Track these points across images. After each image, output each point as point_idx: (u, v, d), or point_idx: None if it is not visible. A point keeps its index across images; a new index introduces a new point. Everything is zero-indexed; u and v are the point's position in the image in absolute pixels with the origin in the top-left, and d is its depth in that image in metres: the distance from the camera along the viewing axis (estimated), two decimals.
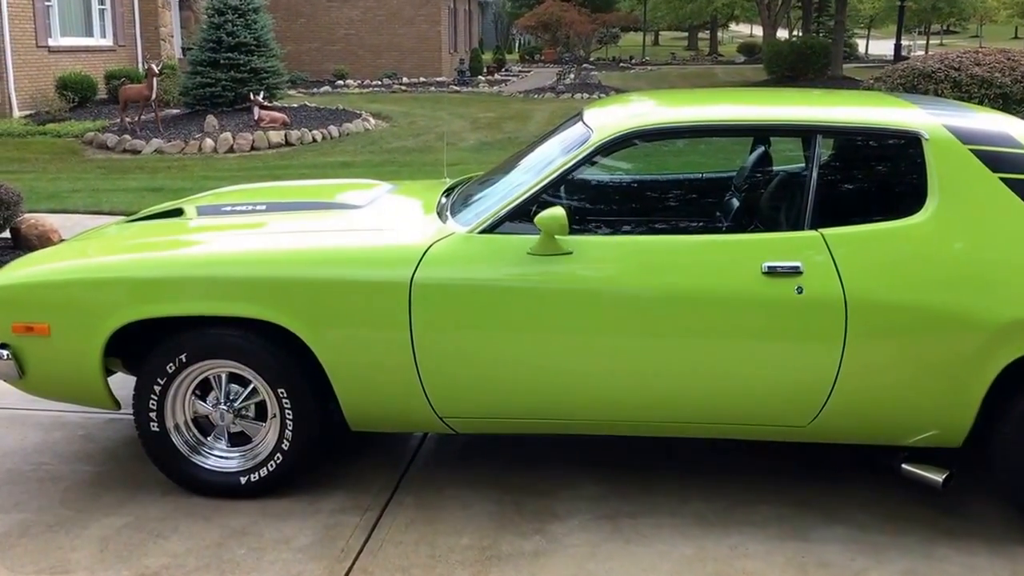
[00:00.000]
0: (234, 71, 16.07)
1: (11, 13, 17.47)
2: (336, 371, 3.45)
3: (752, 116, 3.51)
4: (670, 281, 3.28)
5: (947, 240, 3.23)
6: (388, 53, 26.72)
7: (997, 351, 3.17)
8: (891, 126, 3.40)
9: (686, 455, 4.05)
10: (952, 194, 3.26)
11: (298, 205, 4.08)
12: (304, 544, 3.34)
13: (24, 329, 3.51)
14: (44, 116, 17.33)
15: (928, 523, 3.49)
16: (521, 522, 3.51)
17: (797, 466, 3.95)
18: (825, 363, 3.27)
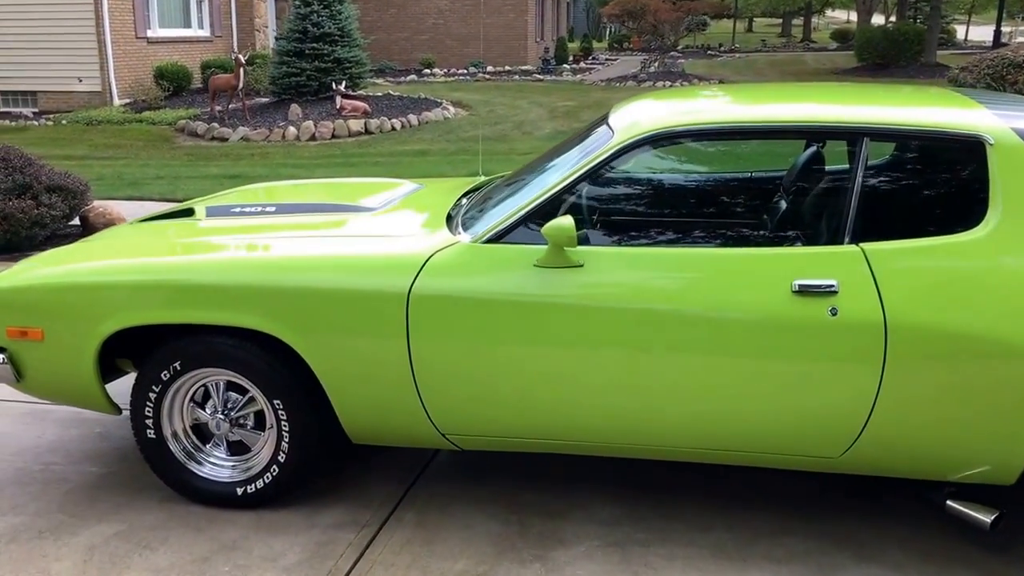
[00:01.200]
0: (318, 61, 16.14)
1: (111, 6, 17.89)
2: (332, 383, 3.28)
3: (790, 116, 3.16)
4: (689, 298, 3.00)
5: (1007, 258, 2.87)
6: (475, 42, 26.58)
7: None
8: (951, 129, 3.02)
9: (715, 477, 3.76)
10: (1017, 206, 2.90)
11: (308, 207, 3.92)
12: (292, 562, 3.19)
13: (18, 333, 3.44)
14: (141, 104, 17.75)
15: (974, 566, 3.14)
16: (524, 547, 3.29)
17: (835, 494, 3.63)
18: (860, 391, 2.95)
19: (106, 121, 16.44)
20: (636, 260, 3.11)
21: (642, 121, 3.22)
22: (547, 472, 3.81)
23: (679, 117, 3.19)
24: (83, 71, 17.89)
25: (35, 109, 18.09)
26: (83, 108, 17.51)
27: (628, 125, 3.23)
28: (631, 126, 3.21)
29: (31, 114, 17.76)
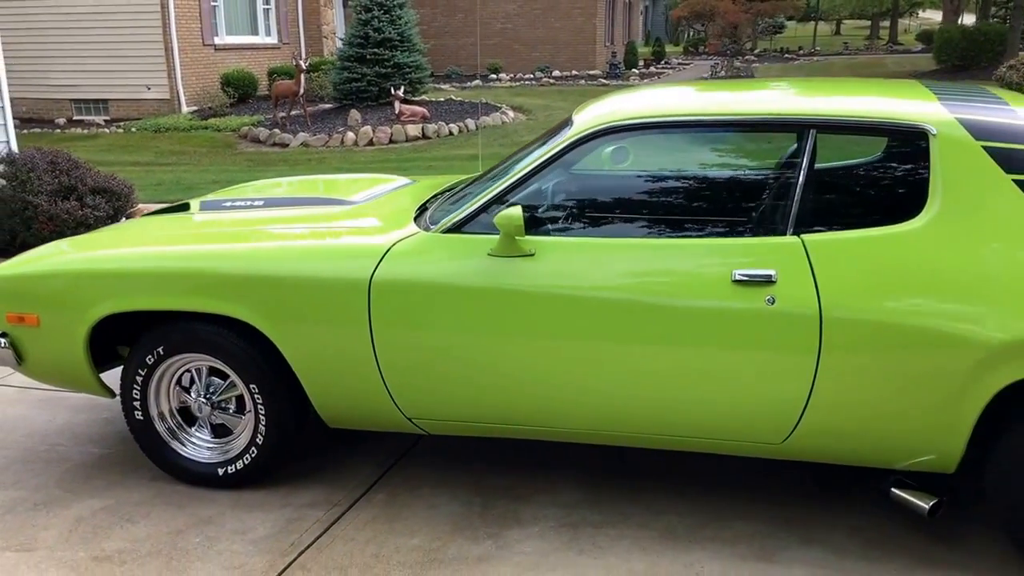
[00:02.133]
0: (379, 66, 16.50)
1: (178, 14, 18.54)
2: (302, 369, 3.46)
3: (737, 110, 3.23)
4: (634, 287, 3.10)
5: (944, 248, 2.90)
6: (543, 47, 26.75)
7: (992, 373, 2.82)
8: (895, 120, 3.06)
9: (679, 463, 3.84)
10: (955, 197, 2.92)
11: (294, 201, 4.12)
12: (259, 536, 3.38)
13: (17, 319, 3.70)
14: (207, 111, 18.34)
15: (916, 552, 3.17)
16: (480, 526, 3.42)
17: (792, 482, 3.68)
18: (797, 380, 3.01)
19: (173, 128, 17.04)
20: (584, 250, 3.21)
21: (597, 115, 3.33)
22: (518, 458, 3.94)
23: (632, 112, 3.29)
24: (152, 79, 18.57)
25: (107, 117, 18.84)
26: (152, 115, 18.17)
27: (584, 120, 3.34)
28: (586, 120, 3.32)
29: (103, 122, 18.50)
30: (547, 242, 3.22)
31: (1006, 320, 2.78)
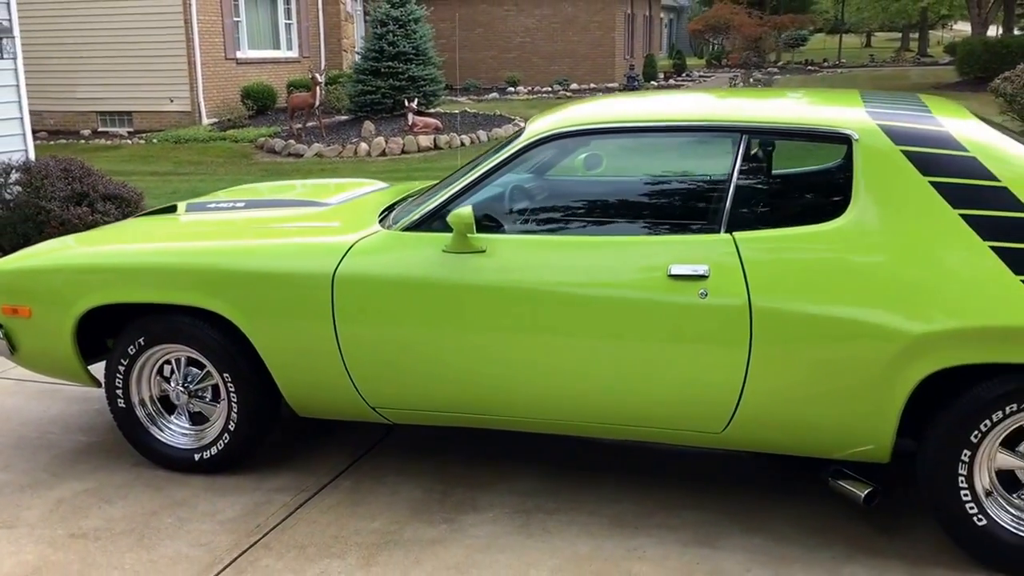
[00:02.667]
0: (393, 79, 16.75)
1: (202, 29, 18.91)
2: (272, 359, 3.64)
3: (675, 116, 3.41)
4: (577, 282, 3.26)
5: (865, 246, 3.03)
6: (562, 60, 26.97)
7: (911, 364, 2.95)
8: (820, 126, 3.21)
9: (640, 457, 3.99)
10: (876, 198, 3.06)
11: (273, 203, 4.32)
12: (228, 517, 3.56)
13: (11, 311, 3.92)
14: (226, 123, 18.66)
15: (854, 540, 3.30)
16: (438, 511, 3.58)
17: (747, 474, 3.81)
18: (730, 370, 3.15)
19: (193, 139, 17.36)
20: (532, 247, 3.38)
21: (546, 124, 3.51)
22: (483, 449, 4.09)
23: (576, 119, 3.47)
24: (174, 92, 18.92)
25: (130, 128, 19.21)
26: (173, 127, 18.52)
27: (534, 128, 3.52)
28: (536, 128, 3.51)
29: (126, 133, 18.88)
30: (498, 239, 3.39)
31: (923, 314, 2.91)
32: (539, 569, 3.17)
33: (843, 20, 42.47)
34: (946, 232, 2.95)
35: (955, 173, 2.99)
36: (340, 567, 3.21)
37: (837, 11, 40.56)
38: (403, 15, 16.96)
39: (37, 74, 19.24)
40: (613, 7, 26.85)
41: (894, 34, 63.81)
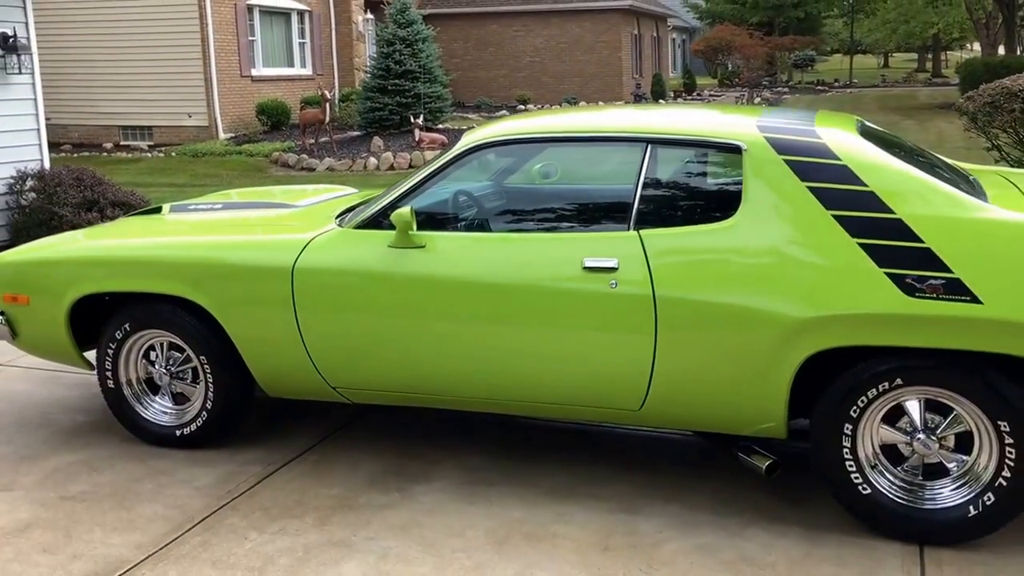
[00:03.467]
0: (400, 96, 17.25)
1: (218, 48, 19.50)
2: (242, 343, 4.04)
3: (589, 127, 3.83)
4: (501, 273, 3.65)
5: (752, 243, 3.40)
6: (570, 79, 27.46)
7: (792, 347, 3.32)
8: (714, 137, 3.61)
9: (581, 438, 4.36)
10: (762, 201, 3.44)
11: (247, 205, 4.74)
12: (202, 485, 3.95)
13: (12, 299, 4.35)
14: (242, 138, 19.22)
15: (760, 508, 3.65)
16: (393, 482, 3.96)
17: (678, 452, 4.18)
18: (640, 352, 3.52)
19: (210, 153, 17.90)
20: (465, 242, 3.77)
21: (479, 135, 3.93)
22: (441, 430, 4.48)
23: (504, 131, 3.88)
24: (192, 108, 19.50)
25: (150, 142, 19.80)
26: (191, 141, 19.07)
27: (468, 139, 3.95)
28: (469, 139, 3.93)
29: (146, 147, 19.45)
30: (436, 236, 3.79)
31: (800, 302, 3.28)
32: (475, 529, 3.55)
33: (857, 41, 42.71)
34: (820, 230, 3.33)
35: (829, 179, 3.38)
36: (298, 526, 3.60)
37: (850, 32, 40.79)
38: (410, 35, 17.48)
39: (62, 89, 19.93)
40: (619, 27, 27.32)
41: (911, 55, 64.03)
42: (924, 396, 3.33)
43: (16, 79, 8.94)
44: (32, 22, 9.09)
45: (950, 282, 3.16)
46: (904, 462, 3.42)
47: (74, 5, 19.54)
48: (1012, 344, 3.13)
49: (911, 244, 3.23)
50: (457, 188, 4.15)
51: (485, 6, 28.15)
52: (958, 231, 3.23)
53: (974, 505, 3.28)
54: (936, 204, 3.30)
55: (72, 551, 3.44)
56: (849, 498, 3.42)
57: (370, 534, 3.53)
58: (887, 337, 3.25)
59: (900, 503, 3.37)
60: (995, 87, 8.46)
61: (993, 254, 3.18)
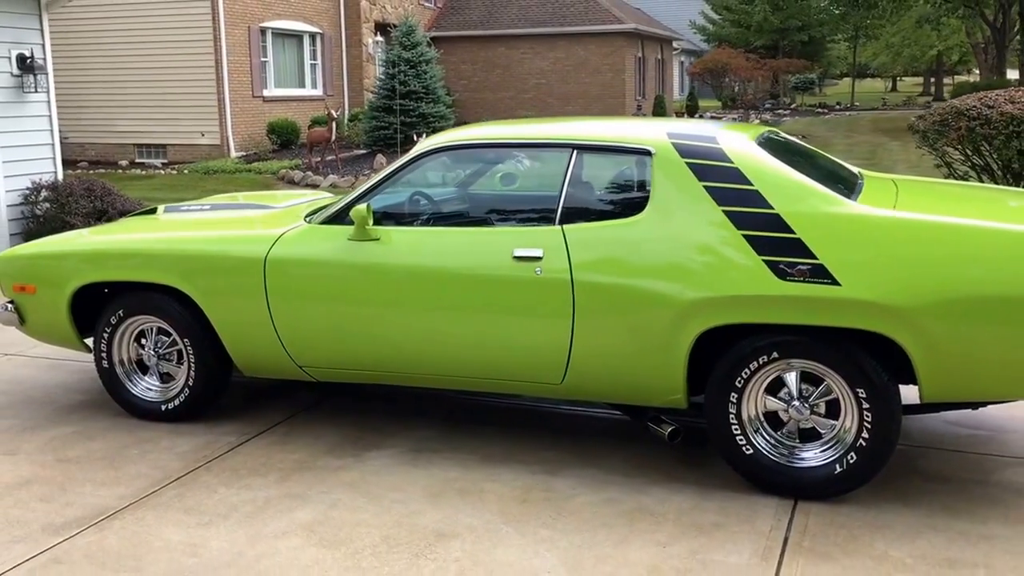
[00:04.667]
0: (404, 116, 17.90)
1: (231, 69, 20.24)
2: (220, 327, 4.60)
3: (524, 135, 4.40)
4: (442, 263, 4.19)
5: (655, 234, 3.94)
6: (575, 100, 28.07)
7: (685, 325, 3.84)
8: (628, 143, 4.16)
9: (521, 414, 4.89)
10: (665, 198, 3.98)
11: (232, 206, 5.31)
12: (182, 451, 4.50)
13: (19, 289, 4.93)
14: (252, 156, 19.91)
15: (665, 472, 4.17)
16: (349, 449, 4.50)
17: (605, 425, 4.70)
18: (561, 332, 4.06)
19: (220, 170, 18.58)
20: (414, 236, 4.31)
21: (430, 142, 4.49)
22: (399, 408, 5.02)
23: (452, 138, 4.44)
24: (205, 127, 20.23)
25: (164, 160, 20.52)
26: (204, 159, 19.78)
27: (421, 145, 4.50)
28: (422, 145, 4.49)
29: (160, 164, 20.18)
30: (390, 230, 4.34)
31: (692, 286, 3.81)
32: (414, 486, 4.08)
33: (864, 65, 43.19)
34: (711, 223, 3.86)
35: (721, 179, 3.91)
36: (261, 482, 4.14)
37: (853, 56, 41.34)
38: (414, 56, 18.15)
39: (80, 109, 20.74)
40: (623, 50, 27.95)
41: (919, 79, 64.50)
42: (801, 369, 3.85)
43: (32, 97, 9.59)
44: (48, 44, 9.74)
45: (815, 267, 3.69)
46: (784, 427, 3.93)
47: (94, 28, 20.34)
48: (865, 320, 3.65)
49: (785, 235, 3.76)
50: (413, 189, 4.69)
51: (494, 29, 28.85)
52: (822, 224, 3.75)
53: (840, 463, 3.79)
54: (807, 201, 3.82)
55: (65, 500, 3.99)
56: (734, 458, 3.93)
57: (324, 489, 4.06)
58: (764, 315, 3.77)
59: (777, 462, 3.88)
60: (945, 107, 8.96)
61: (849, 243, 3.70)
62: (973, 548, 3.46)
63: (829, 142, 21.95)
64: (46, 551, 3.55)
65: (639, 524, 3.70)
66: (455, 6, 29.93)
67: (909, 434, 4.58)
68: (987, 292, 3.54)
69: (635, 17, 30.53)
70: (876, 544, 3.50)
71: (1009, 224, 3.68)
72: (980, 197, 4.70)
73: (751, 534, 3.60)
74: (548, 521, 3.73)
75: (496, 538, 3.60)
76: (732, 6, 39.43)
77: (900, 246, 3.66)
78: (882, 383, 3.70)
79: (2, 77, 9.31)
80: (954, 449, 4.40)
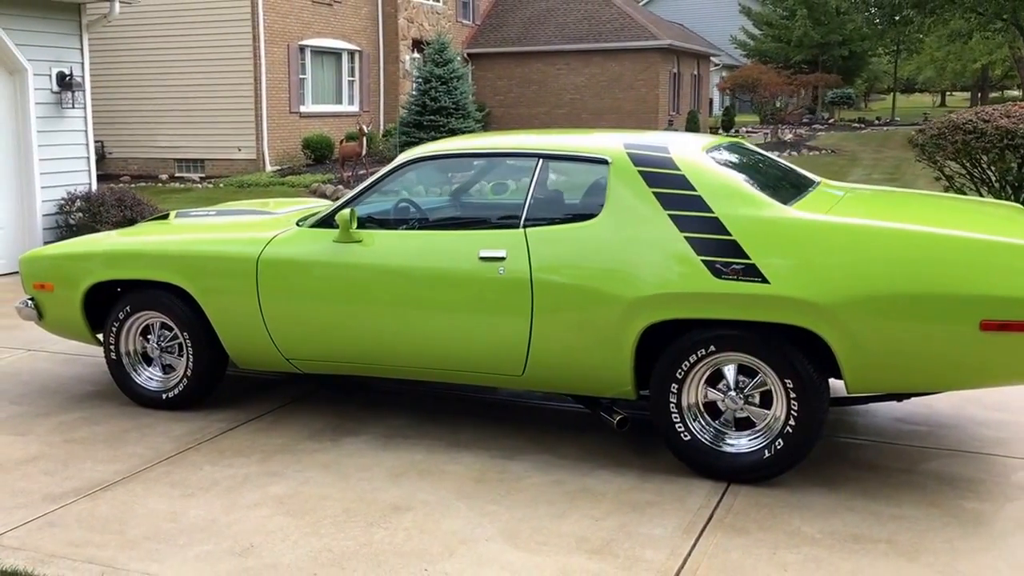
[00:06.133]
0: (434, 131, 18.35)
1: (269, 86, 20.88)
2: (216, 321, 5.00)
3: (493, 146, 4.76)
4: (416, 263, 4.56)
5: (607, 238, 4.26)
6: (609, 115, 28.40)
7: (632, 321, 4.15)
8: (589, 152, 4.49)
9: (490, 407, 5.23)
10: (618, 204, 4.31)
11: (236, 211, 5.72)
12: (176, 435, 4.91)
13: (39, 286, 5.39)
14: (287, 170, 20.48)
15: (615, 457, 4.49)
16: (328, 435, 4.87)
17: (569, 416, 5.03)
18: (521, 327, 4.39)
19: (255, 184, 19.16)
20: (393, 238, 4.68)
21: (411, 153, 4.87)
22: (380, 399, 5.39)
23: (428, 150, 4.81)
24: (242, 142, 20.87)
25: (202, 174, 21.19)
26: (240, 173, 20.41)
27: (401, 156, 4.87)
28: (402, 156, 4.86)
29: (198, 178, 20.84)
30: (372, 233, 4.71)
31: (637, 284, 4.13)
32: (381, 467, 4.44)
33: (909, 79, 42.94)
34: (658, 226, 4.17)
35: (668, 185, 4.23)
36: (244, 462, 4.53)
37: (901, 71, 41.15)
38: (446, 73, 18.62)
39: (123, 124, 21.54)
40: (658, 66, 28.24)
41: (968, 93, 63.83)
42: (737, 362, 4.14)
43: (70, 113, 10.17)
44: (87, 62, 10.32)
45: (748, 267, 3.99)
46: (722, 415, 4.22)
47: (138, 47, 21.11)
48: (791, 316, 3.94)
49: (722, 237, 4.07)
50: (394, 196, 5.06)
51: (530, 45, 29.32)
52: (756, 226, 4.05)
53: (768, 449, 4.08)
54: (745, 206, 4.12)
55: (67, 474, 4.40)
56: (674, 444, 4.23)
57: (299, 468, 4.44)
58: (702, 311, 4.07)
59: (712, 447, 4.17)
60: (943, 121, 9.17)
61: (778, 244, 4.00)
62: (881, 526, 3.73)
63: (856, 156, 22.03)
64: (44, 515, 3.96)
65: (579, 502, 4.02)
66: (493, 23, 30.46)
67: (854, 427, 4.85)
68: (902, 290, 3.82)
69: (671, 33, 30.81)
70: (792, 521, 3.79)
71: (926, 227, 3.96)
72: (932, 206, 4.93)
73: (680, 511, 3.90)
74: (497, 498, 4.06)
75: (447, 512, 3.94)
76: (773, 21, 39.53)
77: (823, 247, 3.95)
78: (808, 375, 3.98)
79: (42, 94, 9.90)
80: (891, 442, 4.66)
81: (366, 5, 24.57)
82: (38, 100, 9.82)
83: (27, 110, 9.73)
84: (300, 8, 21.94)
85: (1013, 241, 3.84)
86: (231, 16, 20.49)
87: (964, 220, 4.46)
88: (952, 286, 3.77)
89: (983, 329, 3.74)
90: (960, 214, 4.70)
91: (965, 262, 3.80)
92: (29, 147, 9.81)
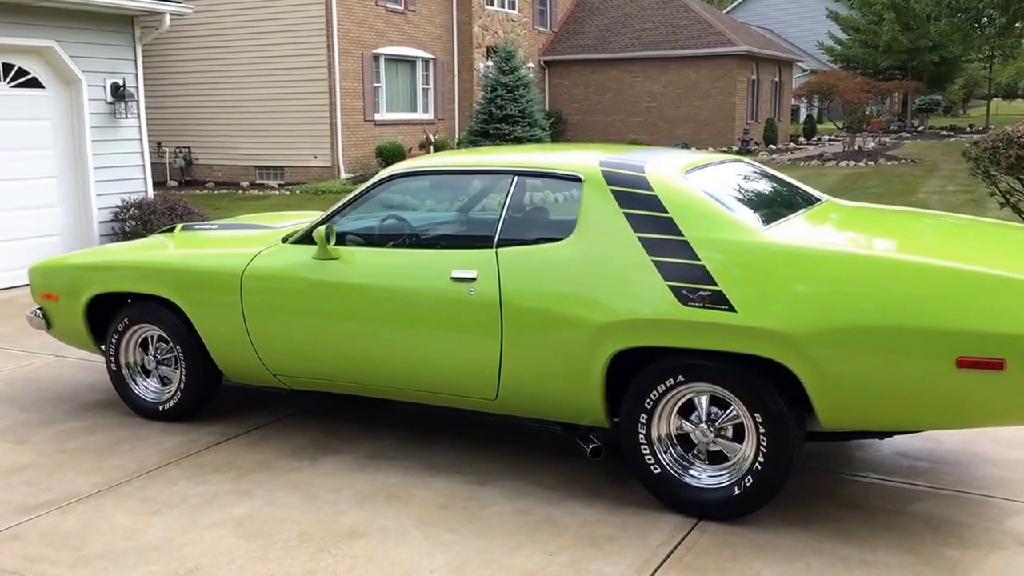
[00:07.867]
0: (500, 140, 18.33)
1: (343, 95, 21.20)
2: (206, 336, 5.05)
3: (472, 163, 4.66)
4: (389, 282, 4.51)
5: (576, 259, 4.13)
6: (685, 124, 28.02)
7: (600, 347, 4.02)
8: (562, 170, 4.37)
9: (473, 429, 5.15)
10: (590, 224, 4.18)
11: (235, 226, 5.77)
12: (165, 447, 4.96)
13: (46, 296, 5.52)
14: (360, 177, 20.75)
15: (588, 486, 4.36)
16: (310, 452, 4.86)
17: (546, 441, 4.91)
18: (491, 350, 4.30)
19: (328, 191, 19.45)
20: (369, 256, 4.63)
21: (390, 169, 4.82)
22: (368, 416, 5.36)
23: (409, 166, 4.76)
24: (318, 150, 21.24)
25: (281, 181, 21.62)
26: (316, 180, 20.76)
27: (382, 172, 4.83)
28: (383, 172, 4.82)
29: (276, 185, 21.27)
30: (349, 251, 4.68)
31: (603, 309, 3.99)
32: (351, 489, 4.40)
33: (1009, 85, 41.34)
34: (627, 249, 4.03)
35: (640, 206, 4.08)
36: (220, 478, 4.54)
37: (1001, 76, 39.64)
38: (512, 81, 18.58)
39: (209, 132, 22.16)
40: (735, 73, 27.74)
41: None
42: (709, 393, 3.98)
43: (124, 122, 10.45)
44: (141, 73, 10.59)
45: (715, 294, 3.83)
46: (694, 448, 4.06)
47: (220, 56, 21.67)
48: (758, 347, 3.76)
49: (690, 262, 3.90)
50: (373, 212, 5.03)
51: (606, 52, 29.14)
52: (727, 251, 3.87)
53: (738, 486, 3.90)
54: (717, 229, 3.95)
55: (47, 485, 4.48)
56: (644, 475, 4.09)
57: (270, 488, 4.43)
58: (668, 339, 3.92)
59: (681, 481, 4.02)
60: (998, 134, 8.74)
61: (747, 271, 3.81)
62: (847, 573, 3.53)
63: (936, 166, 21.22)
64: (10, 528, 4.03)
65: (539, 534, 3.91)
66: (569, 31, 30.37)
67: (850, 461, 4.63)
68: (873, 322, 3.60)
69: (750, 39, 30.22)
70: (753, 564, 3.61)
71: (903, 255, 3.74)
72: (938, 231, 4.66)
73: (639, 548, 3.76)
74: (456, 527, 3.98)
75: (401, 539, 3.88)
76: (861, 26, 38.47)
77: (792, 274, 3.76)
78: (778, 409, 3.79)
79: (97, 104, 10.19)
80: (883, 479, 4.42)
81: (440, 13, 24.75)
82: (93, 110, 10.11)
83: (82, 120, 10.03)
84: (374, 17, 22.21)
85: (996, 273, 3.59)
86: (306, 26, 20.87)
87: (964, 248, 4.21)
88: (927, 319, 3.54)
89: (959, 366, 3.51)
90: (967, 241, 4.43)
91: (941, 294, 3.56)
92: (84, 156, 10.12)
